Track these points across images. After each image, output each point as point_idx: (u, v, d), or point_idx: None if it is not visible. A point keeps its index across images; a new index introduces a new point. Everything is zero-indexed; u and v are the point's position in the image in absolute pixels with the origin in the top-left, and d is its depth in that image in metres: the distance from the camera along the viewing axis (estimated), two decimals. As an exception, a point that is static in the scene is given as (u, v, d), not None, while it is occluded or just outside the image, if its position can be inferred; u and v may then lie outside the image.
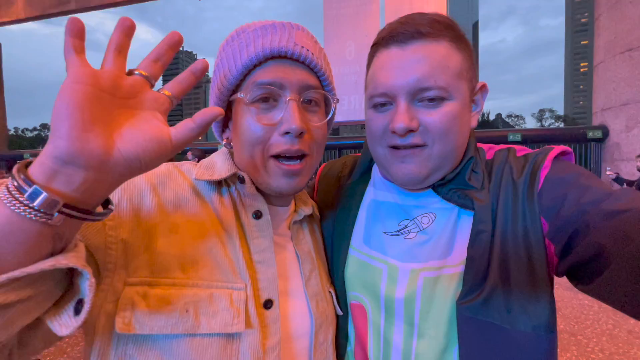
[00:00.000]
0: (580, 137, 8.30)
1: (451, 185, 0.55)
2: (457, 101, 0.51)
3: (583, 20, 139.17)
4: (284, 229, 0.58)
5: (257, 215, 0.52)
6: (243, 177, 0.52)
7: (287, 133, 0.48)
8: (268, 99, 0.49)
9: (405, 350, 0.53)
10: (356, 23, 5.96)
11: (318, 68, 0.52)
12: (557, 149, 0.53)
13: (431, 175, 0.53)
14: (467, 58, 0.52)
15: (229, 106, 0.54)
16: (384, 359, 0.55)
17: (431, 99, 0.49)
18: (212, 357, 0.43)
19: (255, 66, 0.49)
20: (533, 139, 9.18)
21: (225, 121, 0.57)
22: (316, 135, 0.52)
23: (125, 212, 0.43)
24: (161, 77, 0.36)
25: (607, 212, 0.42)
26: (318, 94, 0.52)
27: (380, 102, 0.53)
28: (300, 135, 0.49)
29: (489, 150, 0.60)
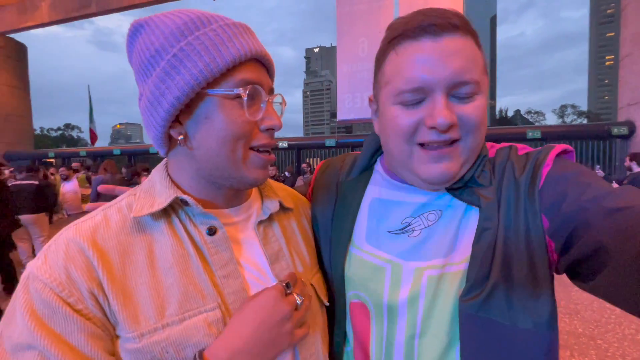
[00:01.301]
0: (604, 134, 7.96)
1: (461, 182, 0.55)
2: (484, 96, 0.51)
3: (609, 11, 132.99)
4: (247, 232, 0.57)
5: (212, 231, 0.51)
6: (186, 200, 0.50)
7: (268, 130, 0.52)
8: (254, 97, 0.51)
9: (407, 349, 0.53)
10: (369, 19, 5.90)
11: (272, 73, 0.57)
12: (559, 147, 0.52)
13: (460, 172, 0.53)
14: (484, 54, 0.54)
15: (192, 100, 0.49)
16: (386, 358, 0.55)
17: (467, 93, 0.49)
18: None
19: (234, 66, 0.48)
20: (553, 136, 8.87)
21: (181, 115, 0.49)
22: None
23: (78, 280, 0.43)
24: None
25: (608, 210, 0.41)
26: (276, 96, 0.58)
27: (413, 99, 0.50)
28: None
29: (491, 148, 0.59)
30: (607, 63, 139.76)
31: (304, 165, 7.43)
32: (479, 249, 0.49)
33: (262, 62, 0.53)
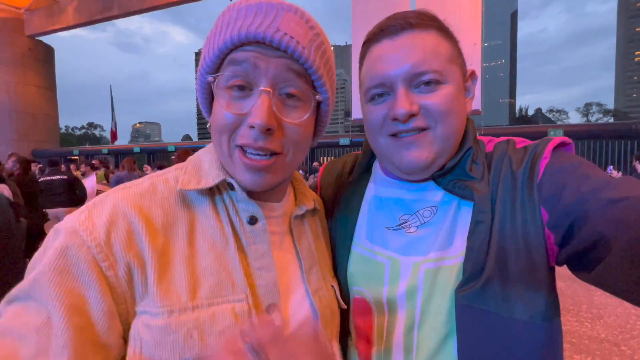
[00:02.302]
0: (630, 133, 7.60)
1: (452, 176, 0.55)
2: (452, 84, 0.52)
3: (639, 4, 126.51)
4: (282, 226, 0.56)
5: (252, 221, 0.49)
6: (232, 184, 0.49)
7: (252, 127, 0.44)
8: (244, 87, 0.45)
9: (406, 342, 0.54)
10: (384, 17, 5.82)
11: (304, 59, 0.45)
12: (556, 139, 0.53)
13: (436, 160, 0.54)
14: (454, 46, 0.55)
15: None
16: (386, 351, 0.56)
17: (427, 83, 0.51)
18: None
19: (231, 50, 0.45)
20: (576, 135, 8.54)
21: (212, 103, 0.52)
22: (291, 134, 0.47)
23: (117, 246, 0.41)
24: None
25: (607, 200, 0.42)
26: (298, 88, 0.46)
27: (378, 92, 0.54)
28: (268, 132, 0.44)
29: (489, 142, 0.60)
30: (636, 59, 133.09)
31: (315, 164, 7.41)
32: (473, 241, 0.50)
33: (273, 46, 0.44)
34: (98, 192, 5.80)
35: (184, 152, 3.54)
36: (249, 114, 0.44)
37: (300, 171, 7.62)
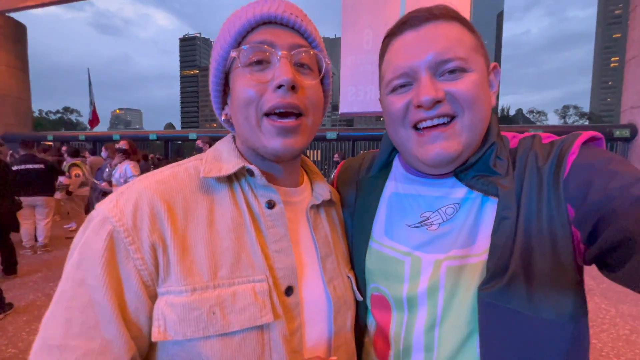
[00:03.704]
0: (605, 136, 7.97)
1: (475, 172, 0.54)
2: (478, 73, 0.51)
3: (617, 12, 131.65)
4: (298, 214, 0.58)
5: (271, 205, 0.53)
6: (252, 170, 0.52)
7: (279, 87, 0.49)
8: (261, 61, 0.50)
9: (427, 340, 0.53)
10: (375, 11, 5.80)
11: (308, 33, 0.54)
12: (586, 134, 0.51)
13: (463, 152, 0.52)
14: (478, 39, 0.54)
15: (226, 81, 0.55)
16: (405, 349, 0.55)
17: (452, 71, 0.50)
18: (248, 351, 0.45)
19: (247, 32, 0.51)
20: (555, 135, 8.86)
21: (224, 98, 0.57)
22: (310, 94, 0.52)
23: (143, 230, 0.44)
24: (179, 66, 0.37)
25: (635, 197, 0.40)
26: (308, 54, 0.53)
27: (400, 83, 0.53)
28: (293, 89, 0.49)
29: (513, 138, 0.58)
30: (612, 65, 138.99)
31: (336, 157, 7.31)
32: (497, 238, 0.49)
33: (281, 23, 0.52)
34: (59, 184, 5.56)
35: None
36: (273, 79, 0.49)
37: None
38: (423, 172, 0.60)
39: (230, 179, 0.53)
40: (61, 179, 5.56)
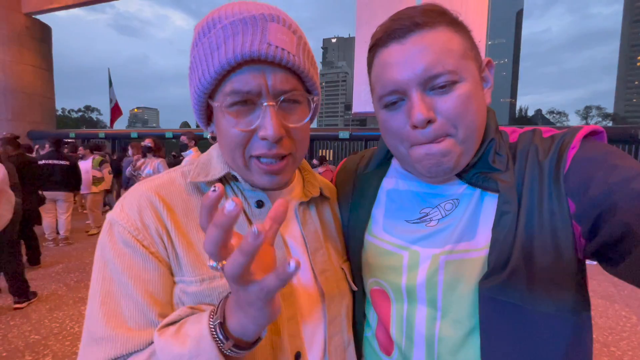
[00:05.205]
0: (628, 137, 7.62)
1: (475, 170, 0.54)
2: (468, 81, 0.50)
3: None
4: (288, 212, 0.59)
5: (259, 204, 0.56)
6: (236, 176, 0.55)
7: (264, 139, 0.48)
8: (247, 101, 0.48)
9: (428, 334, 0.53)
10: (390, 8, 5.71)
11: (296, 67, 0.48)
12: (587, 128, 0.50)
13: (461, 162, 0.52)
14: (467, 38, 0.52)
15: (210, 103, 0.53)
16: (407, 344, 0.56)
17: (442, 86, 0.49)
18: None
19: (228, 72, 0.47)
20: (576, 137, 8.53)
21: (210, 117, 0.56)
22: (296, 136, 0.52)
23: (150, 226, 0.48)
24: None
25: (636, 191, 0.40)
26: (296, 95, 0.50)
27: (392, 100, 0.52)
28: (279, 140, 0.48)
29: (512, 133, 0.58)
30: (638, 64, 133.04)
31: (314, 161, 7.29)
32: (498, 232, 0.49)
33: (268, 61, 0.46)
34: (93, 178, 5.75)
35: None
36: (259, 128, 0.48)
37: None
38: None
39: (222, 182, 0.56)
40: (94, 172, 5.74)
